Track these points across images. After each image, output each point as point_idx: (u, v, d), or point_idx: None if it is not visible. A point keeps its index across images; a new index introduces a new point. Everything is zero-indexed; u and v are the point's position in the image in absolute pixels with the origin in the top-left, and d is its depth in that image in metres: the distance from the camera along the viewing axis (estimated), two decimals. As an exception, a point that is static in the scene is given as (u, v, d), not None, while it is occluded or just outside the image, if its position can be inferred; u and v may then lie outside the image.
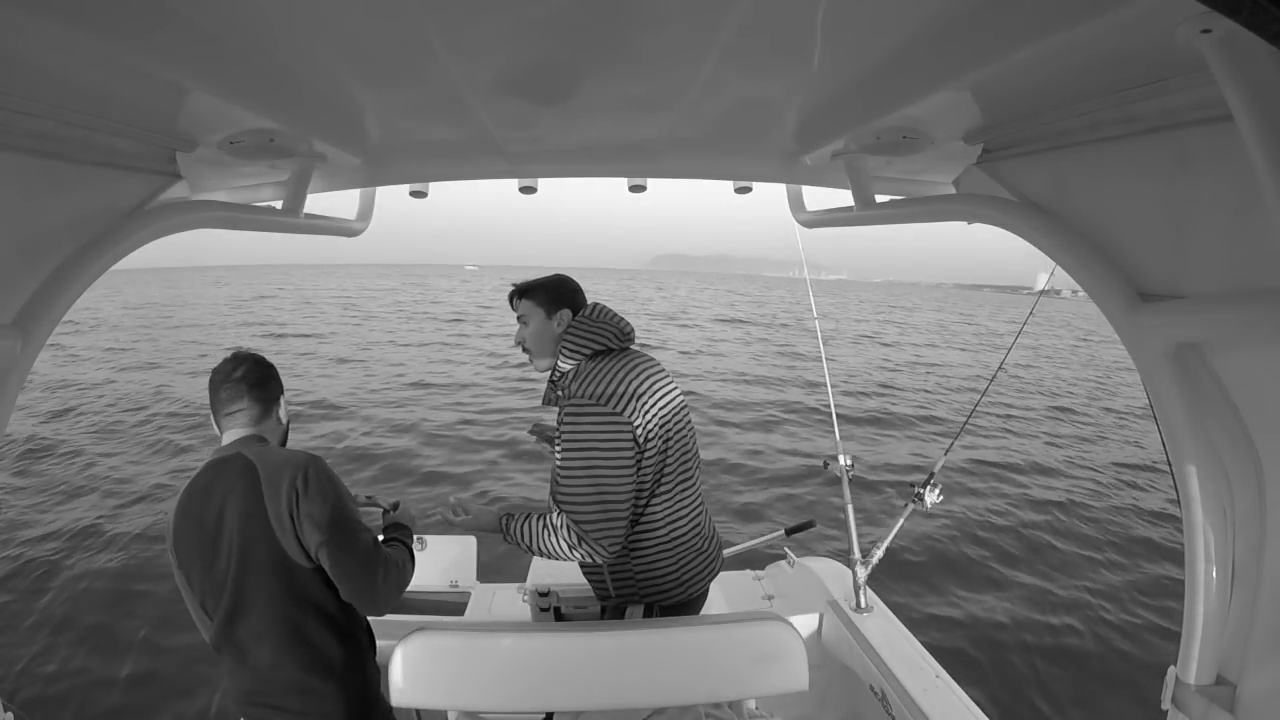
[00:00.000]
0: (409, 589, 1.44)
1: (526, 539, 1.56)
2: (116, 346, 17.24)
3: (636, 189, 1.86)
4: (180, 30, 0.75)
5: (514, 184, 1.81)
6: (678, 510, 1.63)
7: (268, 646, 1.34)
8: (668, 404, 1.61)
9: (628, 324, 1.69)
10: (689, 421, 1.70)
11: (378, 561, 1.35)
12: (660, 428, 1.56)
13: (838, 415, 3.07)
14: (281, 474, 1.32)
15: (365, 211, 1.86)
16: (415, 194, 1.81)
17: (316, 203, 1.55)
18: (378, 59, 0.93)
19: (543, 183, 1.82)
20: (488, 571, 2.99)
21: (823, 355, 3.34)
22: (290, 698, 1.36)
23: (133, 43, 0.71)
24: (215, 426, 1.47)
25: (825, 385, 3.23)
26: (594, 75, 1.01)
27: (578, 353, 1.61)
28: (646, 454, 1.54)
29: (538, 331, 1.66)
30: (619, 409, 1.50)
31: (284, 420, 1.54)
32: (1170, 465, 0.95)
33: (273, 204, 1.51)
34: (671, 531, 1.62)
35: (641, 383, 1.57)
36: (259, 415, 1.46)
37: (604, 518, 1.48)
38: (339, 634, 1.39)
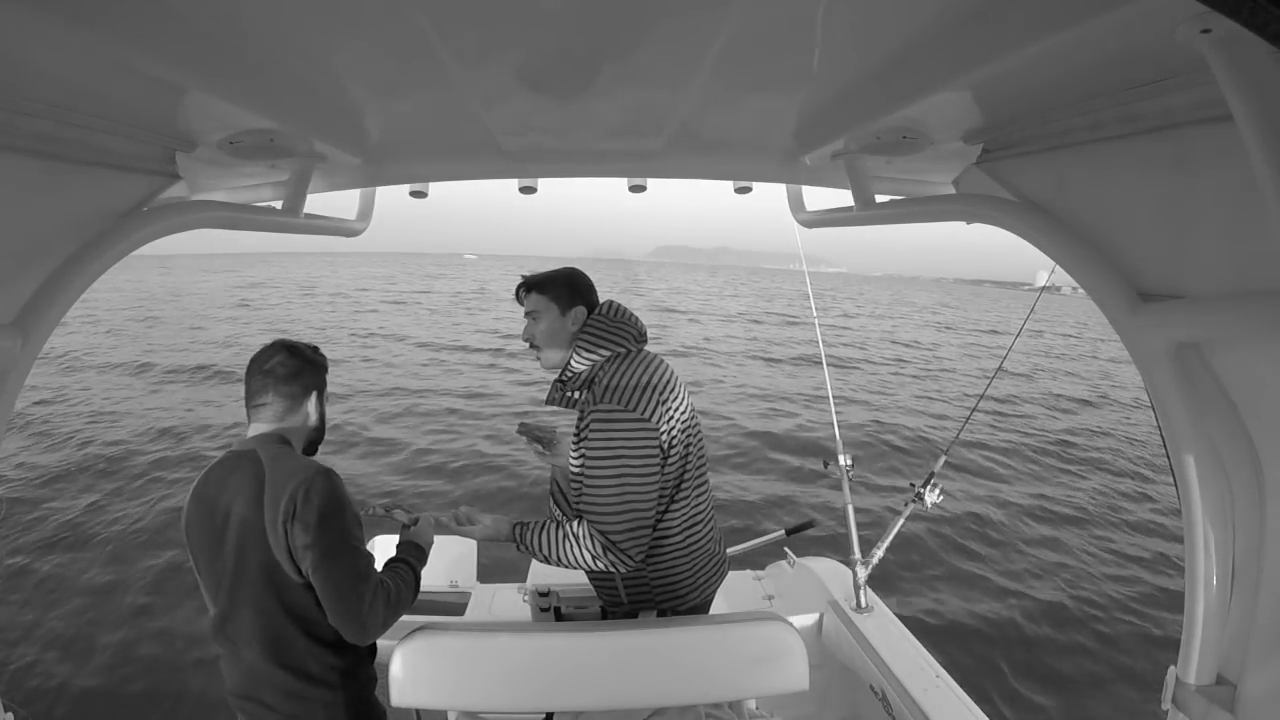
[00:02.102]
0: None
1: (544, 549, 1.51)
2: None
3: (636, 189, 1.86)
4: (180, 30, 0.75)
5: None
6: (694, 515, 1.61)
7: (256, 648, 1.34)
8: (686, 408, 1.58)
9: (643, 324, 1.65)
10: (700, 425, 1.67)
11: (364, 591, 1.30)
12: (683, 433, 1.54)
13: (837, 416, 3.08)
14: (286, 484, 1.30)
15: (365, 211, 1.86)
16: (415, 194, 1.81)
17: (316, 203, 1.55)
18: (377, 59, 0.93)
19: (543, 180, 1.81)
20: (488, 571, 3.00)
21: (822, 355, 3.35)
22: (280, 700, 1.36)
23: (133, 43, 0.71)
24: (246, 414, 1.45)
25: (825, 385, 3.24)
26: (594, 76, 1.01)
27: (595, 353, 1.55)
28: (670, 460, 1.51)
29: (551, 328, 1.59)
30: (647, 415, 1.47)
31: (313, 418, 1.47)
32: (1171, 465, 0.95)
33: (273, 204, 1.51)
34: (689, 537, 1.61)
35: (664, 388, 1.53)
36: (283, 411, 1.42)
37: (631, 527, 1.45)
38: (328, 646, 1.36)
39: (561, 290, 1.60)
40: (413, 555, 1.51)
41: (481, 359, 15.37)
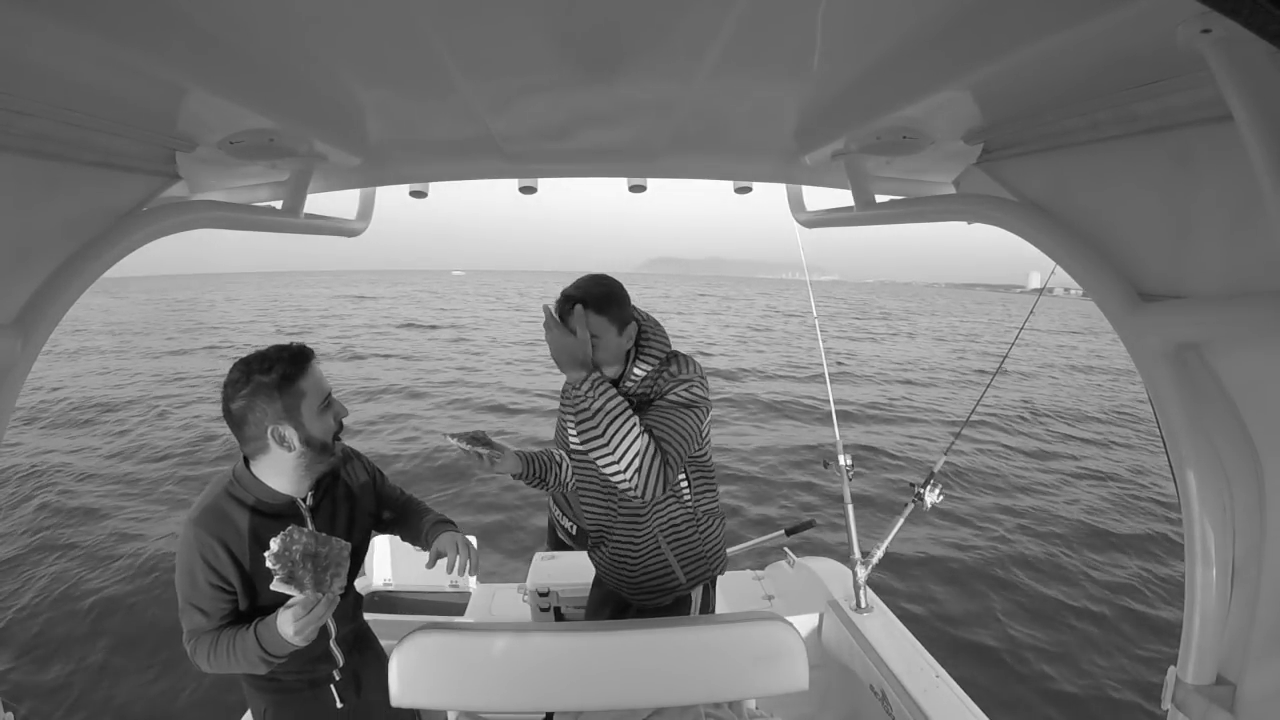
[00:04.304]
0: (409, 588, 1.44)
1: (607, 412, 1.55)
2: None
3: (636, 189, 1.86)
4: (180, 30, 0.75)
5: (502, 186, 1.80)
6: (716, 489, 1.92)
7: None
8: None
9: None
10: None
11: (189, 645, 1.40)
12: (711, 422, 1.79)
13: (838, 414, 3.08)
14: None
15: (365, 211, 1.86)
16: (415, 194, 1.81)
17: (316, 203, 1.55)
18: (378, 58, 0.93)
19: (539, 182, 1.81)
20: (488, 571, 3.00)
21: (823, 355, 3.35)
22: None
23: (133, 43, 0.71)
24: None
25: (825, 385, 3.24)
26: (594, 75, 1.01)
27: (657, 358, 1.72)
28: (705, 439, 1.79)
29: (613, 347, 1.68)
30: (709, 392, 1.72)
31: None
32: (1170, 465, 0.95)
33: (273, 204, 1.51)
34: (719, 506, 1.91)
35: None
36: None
37: (678, 456, 1.60)
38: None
39: (615, 310, 1.68)
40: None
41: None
